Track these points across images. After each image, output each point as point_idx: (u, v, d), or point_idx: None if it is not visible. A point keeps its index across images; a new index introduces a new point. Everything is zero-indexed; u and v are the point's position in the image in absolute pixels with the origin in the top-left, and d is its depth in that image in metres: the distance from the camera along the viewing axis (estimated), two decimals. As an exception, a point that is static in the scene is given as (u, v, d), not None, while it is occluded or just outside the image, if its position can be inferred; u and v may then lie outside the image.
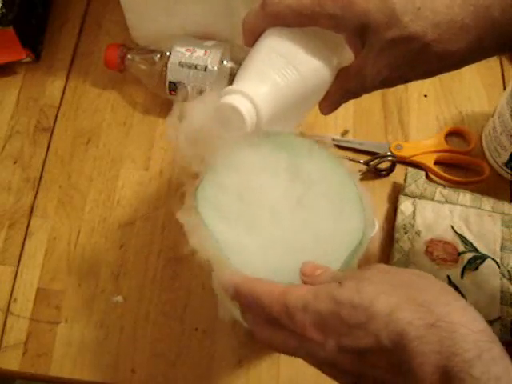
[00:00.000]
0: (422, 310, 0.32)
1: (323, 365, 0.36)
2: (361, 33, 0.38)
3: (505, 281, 0.56)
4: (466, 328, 0.31)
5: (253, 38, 0.41)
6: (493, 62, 0.71)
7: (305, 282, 0.38)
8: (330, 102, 0.43)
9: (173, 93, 0.63)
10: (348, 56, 0.41)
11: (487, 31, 0.37)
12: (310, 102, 0.43)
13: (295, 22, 0.39)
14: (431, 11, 0.36)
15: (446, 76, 0.69)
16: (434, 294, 0.34)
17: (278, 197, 0.44)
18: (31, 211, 0.62)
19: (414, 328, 0.32)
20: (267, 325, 0.37)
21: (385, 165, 0.63)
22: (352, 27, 0.38)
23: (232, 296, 0.39)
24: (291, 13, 0.39)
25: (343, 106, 0.67)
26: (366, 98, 0.67)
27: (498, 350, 0.31)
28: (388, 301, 0.33)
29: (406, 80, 0.41)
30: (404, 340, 0.32)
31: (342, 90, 0.42)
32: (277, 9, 0.39)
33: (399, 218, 0.59)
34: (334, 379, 0.36)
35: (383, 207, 0.62)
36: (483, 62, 0.69)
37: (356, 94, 0.43)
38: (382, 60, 0.39)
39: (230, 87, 0.38)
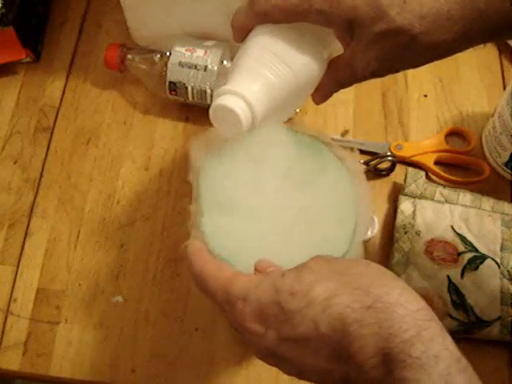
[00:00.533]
0: (359, 293, 0.32)
1: (266, 356, 0.36)
2: (349, 27, 0.39)
3: (505, 281, 0.56)
4: (404, 308, 0.31)
5: (242, 34, 0.42)
6: (493, 62, 0.71)
7: None
8: (322, 92, 0.44)
9: (173, 93, 0.63)
10: (338, 46, 0.42)
11: (473, 22, 0.37)
12: (303, 95, 0.43)
13: (284, 19, 0.40)
14: (417, 3, 0.37)
15: (445, 76, 0.69)
16: (371, 277, 0.34)
17: (273, 193, 0.45)
18: (31, 211, 0.62)
19: (352, 311, 0.32)
20: (217, 306, 0.38)
21: (385, 165, 0.63)
22: (340, 22, 0.38)
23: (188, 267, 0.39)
24: (279, 11, 0.39)
25: (343, 105, 0.68)
26: (365, 97, 0.68)
27: (436, 328, 0.31)
28: (326, 286, 0.33)
29: (396, 70, 0.42)
30: (342, 324, 0.32)
31: (334, 80, 0.43)
32: (265, 7, 0.39)
33: (399, 218, 0.59)
34: (279, 369, 0.36)
35: (383, 207, 0.62)
36: (483, 62, 0.70)
37: (347, 85, 0.43)
38: (370, 53, 0.39)
39: (224, 87, 0.39)
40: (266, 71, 0.39)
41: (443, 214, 0.59)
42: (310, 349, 0.33)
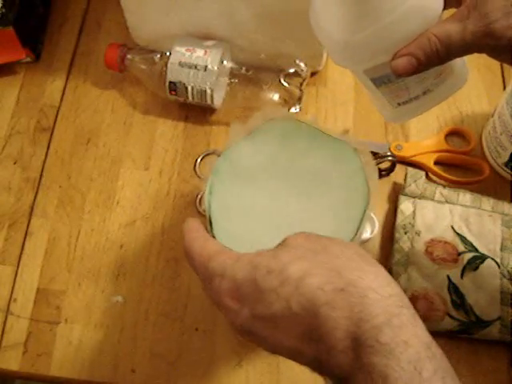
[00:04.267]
0: (333, 275, 0.32)
1: (241, 332, 0.36)
2: None
3: (505, 281, 0.56)
4: (376, 293, 0.32)
5: None
6: (493, 62, 0.71)
7: None
8: (416, 47, 0.38)
9: (173, 93, 0.63)
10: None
11: None
12: (406, 30, 0.39)
13: None
14: None
15: (446, 76, 0.69)
16: (347, 259, 0.34)
17: (281, 184, 0.45)
18: (31, 211, 0.62)
19: (324, 293, 0.32)
20: (201, 281, 0.38)
21: (385, 165, 0.63)
22: None
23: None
24: None
25: (343, 105, 0.68)
26: (366, 97, 0.68)
27: (407, 314, 0.32)
28: (300, 266, 0.33)
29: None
30: (313, 305, 0.32)
31: (439, 34, 0.38)
32: None
33: (399, 218, 0.59)
34: (255, 345, 0.36)
35: (383, 207, 0.62)
36: (483, 62, 0.70)
37: (451, 46, 0.38)
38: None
39: None
40: None
41: (443, 214, 0.59)
42: (283, 327, 0.33)
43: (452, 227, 0.58)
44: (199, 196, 0.61)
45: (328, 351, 0.32)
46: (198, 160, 0.64)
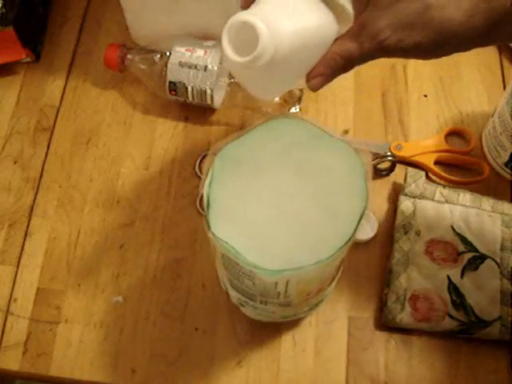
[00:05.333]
0: None
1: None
2: None
3: (505, 281, 0.56)
4: None
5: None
6: (493, 62, 0.71)
7: None
8: (325, 67, 0.43)
9: (173, 93, 0.63)
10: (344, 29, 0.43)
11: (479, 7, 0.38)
12: (315, 54, 0.43)
13: None
14: None
15: (446, 76, 0.70)
16: None
17: (279, 183, 0.45)
18: (31, 211, 0.62)
19: None
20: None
21: (385, 165, 0.63)
22: None
23: None
24: None
25: (343, 105, 0.68)
26: (365, 98, 0.68)
27: None
28: None
29: (403, 49, 0.41)
30: None
31: (338, 55, 0.42)
32: None
33: (399, 218, 0.59)
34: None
35: (383, 207, 0.62)
36: (483, 62, 0.70)
37: (353, 60, 0.42)
38: (384, 19, 0.39)
39: (244, 11, 0.39)
40: (287, 16, 0.39)
41: (443, 214, 0.59)
42: None
43: (452, 227, 0.58)
44: (199, 196, 0.61)
45: None
46: (198, 160, 0.64)
